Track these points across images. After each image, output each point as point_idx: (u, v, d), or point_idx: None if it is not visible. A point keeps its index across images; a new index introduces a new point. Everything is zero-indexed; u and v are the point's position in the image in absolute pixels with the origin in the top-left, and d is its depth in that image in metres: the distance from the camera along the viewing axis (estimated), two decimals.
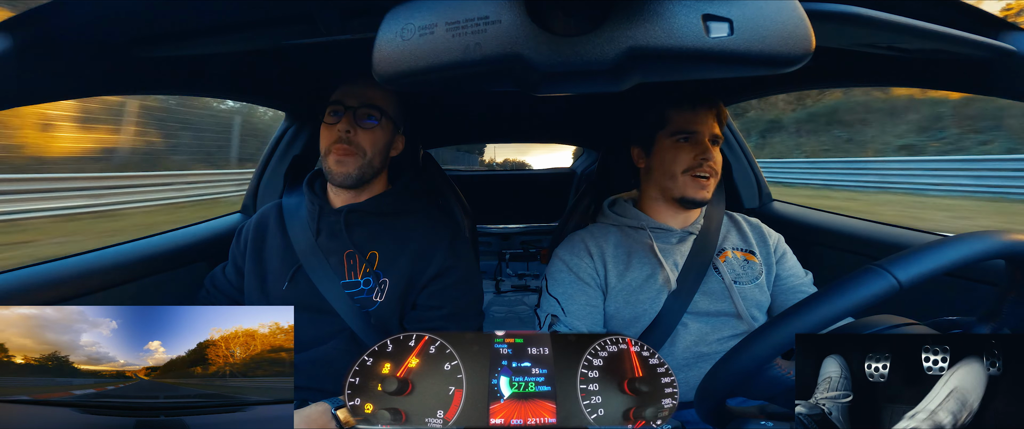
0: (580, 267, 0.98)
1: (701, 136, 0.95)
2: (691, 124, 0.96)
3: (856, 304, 0.47)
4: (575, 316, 0.95)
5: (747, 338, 0.50)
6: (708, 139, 0.95)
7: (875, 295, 0.46)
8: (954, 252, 0.48)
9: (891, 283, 0.46)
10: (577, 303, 0.95)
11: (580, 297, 0.96)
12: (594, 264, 0.98)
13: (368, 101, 0.94)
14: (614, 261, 0.98)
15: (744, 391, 0.52)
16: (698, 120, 0.96)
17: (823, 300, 0.48)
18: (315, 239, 0.95)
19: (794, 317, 0.48)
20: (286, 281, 0.93)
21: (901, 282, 0.46)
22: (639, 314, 0.95)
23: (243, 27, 0.65)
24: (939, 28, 0.55)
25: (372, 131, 0.94)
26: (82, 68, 0.68)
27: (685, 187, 0.95)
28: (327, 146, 0.93)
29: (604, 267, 0.98)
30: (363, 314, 0.91)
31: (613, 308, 0.96)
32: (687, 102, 0.97)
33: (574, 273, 0.98)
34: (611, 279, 0.97)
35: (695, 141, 0.96)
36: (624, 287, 0.96)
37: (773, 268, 1.01)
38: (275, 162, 1.41)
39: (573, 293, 0.96)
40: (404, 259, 0.94)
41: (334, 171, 0.92)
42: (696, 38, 0.45)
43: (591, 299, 0.96)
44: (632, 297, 0.95)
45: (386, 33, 0.48)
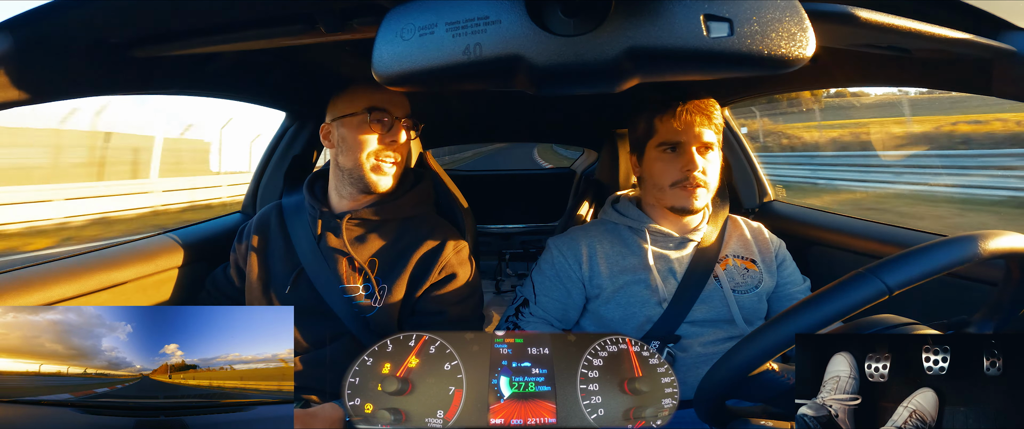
0: (564, 266, 0.99)
1: (687, 146, 0.93)
2: (676, 135, 0.93)
3: (845, 309, 0.48)
4: (543, 307, 0.98)
5: (738, 343, 0.51)
6: (695, 148, 0.93)
7: (864, 300, 0.47)
8: (945, 255, 0.48)
9: (880, 288, 0.47)
10: (550, 297, 0.98)
11: (554, 292, 0.99)
12: (581, 266, 0.98)
13: (408, 111, 0.97)
14: (607, 262, 0.98)
15: (742, 393, 0.52)
16: (684, 130, 0.93)
17: (812, 306, 0.49)
18: (316, 243, 0.95)
19: (783, 322, 0.48)
20: (289, 285, 0.93)
21: (890, 287, 0.47)
22: (628, 317, 0.95)
23: (243, 27, 0.65)
24: (939, 28, 0.55)
25: (409, 142, 0.98)
26: (82, 68, 0.68)
27: (675, 198, 0.95)
28: (370, 153, 0.92)
29: (592, 269, 0.98)
30: (362, 319, 0.91)
31: (605, 310, 0.96)
32: (673, 110, 0.94)
33: (557, 269, 0.99)
34: (602, 281, 0.96)
35: (681, 152, 0.93)
36: (616, 289, 0.96)
37: (774, 276, 1.01)
38: (275, 162, 1.41)
39: (549, 287, 0.99)
40: (404, 265, 0.94)
41: (374, 178, 0.93)
42: (696, 38, 0.45)
43: (565, 296, 0.98)
44: (624, 300, 0.95)
45: (386, 33, 0.48)
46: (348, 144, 0.93)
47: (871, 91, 12.34)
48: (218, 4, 0.61)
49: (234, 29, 0.65)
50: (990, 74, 0.65)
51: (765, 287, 0.99)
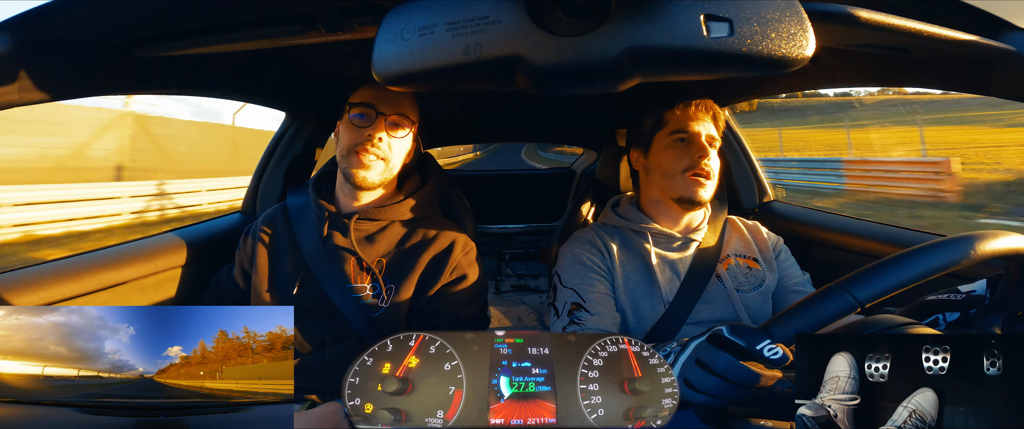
0: (592, 259, 0.98)
1: (697, 136, 0.96)
2: (688, 124, 0.97)
3: (816, 324, 0.49)
4: (595, 304, 0.93)
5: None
6: (705, 140, 0.96)
7: (835, 314, 0.49)
8: (917, 266, 0.50)
9: (850, 302, 0.49)
10: (595, 292, 0.95)
11: (598, 286, 0.96)
12: (603, 259, 0.98)
13: (400, 109, 0.94)
14: (618, 263, 0.98)
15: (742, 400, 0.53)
16: (695, 121, 0.97)
17: (783, 320, 0.51)
18: (323, 243, 0.95)
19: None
20: (296, 285, 0.93)
21: (859, 301, 0.49)
22: (640, 319, 0.95)
23: (243, 27, 0.65)
24: (939, 28, 0.55)
25: (401, 141, 0.95)
26: (82, 68, 0.68)
27: (684, 187, 0.95)
28: (350, 146, 0.92)
29: (610, 266, 0.98)
30: (369, 319, 0.91)
31: (618, 310, 0.96)
32: (683, 103, 0.98)
33: (587, 265, 0.97)
34: (616, 279, 0.97)
35: (691, 141, 0.96)
36: (626, 290, 0.96)
37: (776, 273, 1.01)
38: (275, 162, 1.41)
39: (589, 283, 0.95)
40: (412, 265, 0.93)
41: (354, 173, 0.92)
42: (696, 38, 0.45)
43: (607, 289, 0.96)
44: (632, 302, 0.95)
45: (386, 33, 0.48)
46: (338, 141, 0.96)
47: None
48: (218, 4, 0.61)
49: (234, 29, 0.65)
50: (990, 74, 0.65)
51: (769, 286, 0.99)
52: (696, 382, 0.52)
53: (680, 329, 0.93)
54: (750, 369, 0.49)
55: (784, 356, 0.48)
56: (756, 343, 0.49)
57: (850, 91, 24.59)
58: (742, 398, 0.51)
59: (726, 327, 0.53)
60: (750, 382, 0.49)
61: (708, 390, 0.51)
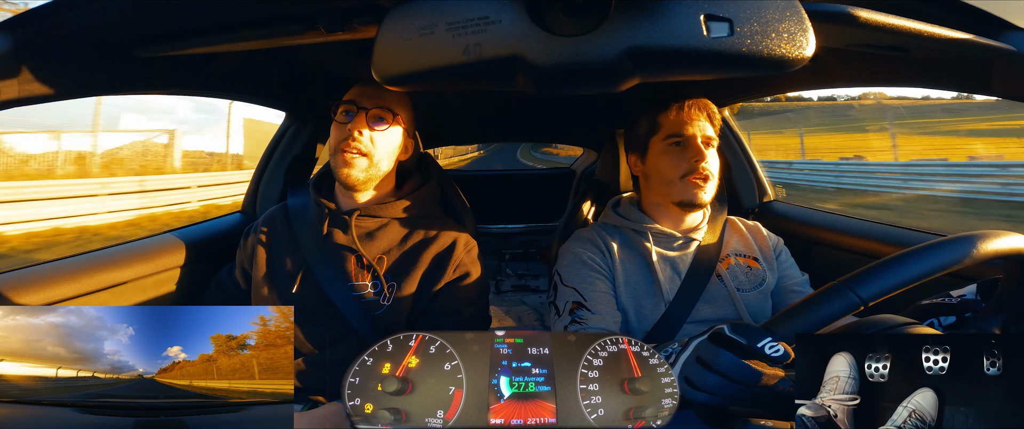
0: (593, 258, 0.98)
1: (693, 139, 0.95)
2: (683, 128, 0.96)
3: (819, 322, 0.49)
4: (596, 302, 0.93)
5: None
6: (700, 142, 0.95)
7: (838, 313, 0.49)
8: (919, 265, 0.50)
9: (853, 301, 0.49)
10: (596, 290, 0.95)
11: (599, 284, 0.95)
12: (604, 258, 0.98)
13: (382, 103, 0.93)
14: (618, 262, 0.98)
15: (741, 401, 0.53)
16: (689, 123, 0.96)
17: (785, 318, 0.51)
18: (323, 241, 0.95)
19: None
20: (295, 284, 0.93)
21: (863, 299, 0.49)
22: (641, 318, 0.95)
23: (243, 27, 0.65)
24: (939, 28, 0.55)
25: (384, 134, 0.93)
26: (82, 68, 0.68)
27: (684, 191, 0.95)
28: (334, 145, 0.92)
29: (611, 265, 0.98)
30: (369, 317, 0.91)
31: (619, 309, 0.96)
32: (677, 105, 0.97)
33: (587, 264, 0.97)
34: (617, 278, 0.97)
35: (687, 144, 0.95)
36: (627, 289, 0.96)
37: (776, 273, 1.01)
38: (275, 162, 1.41)
39: (590, 282, 0.95)
40: (415, 263, 0.93)
41: (340, 171, 0.92)
42: (696, 38, 0.45)
43: (608, 288, 0.96)
44: (633, 301, 0.95)
45: (386, 33, 0.48)
46: (330, 138, 0.96)
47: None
48: (218, 4, 0.61)
49: (234, 29, 0.65)
50: (990, 74, 0.66)
51: (769, 285, 0.99)
52: (697, 380, 0.52)
53: (681, 328, 0.93)
54: (752, 367, 0.49)
55: (786, 354, 0.48)
56: (758, 341, 0.49)
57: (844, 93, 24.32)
58: (743, 397, 0.51)
59: (727, 325, 0.53)
60: (752, 380, 0.49)
61: (709, 388, 0.51)
